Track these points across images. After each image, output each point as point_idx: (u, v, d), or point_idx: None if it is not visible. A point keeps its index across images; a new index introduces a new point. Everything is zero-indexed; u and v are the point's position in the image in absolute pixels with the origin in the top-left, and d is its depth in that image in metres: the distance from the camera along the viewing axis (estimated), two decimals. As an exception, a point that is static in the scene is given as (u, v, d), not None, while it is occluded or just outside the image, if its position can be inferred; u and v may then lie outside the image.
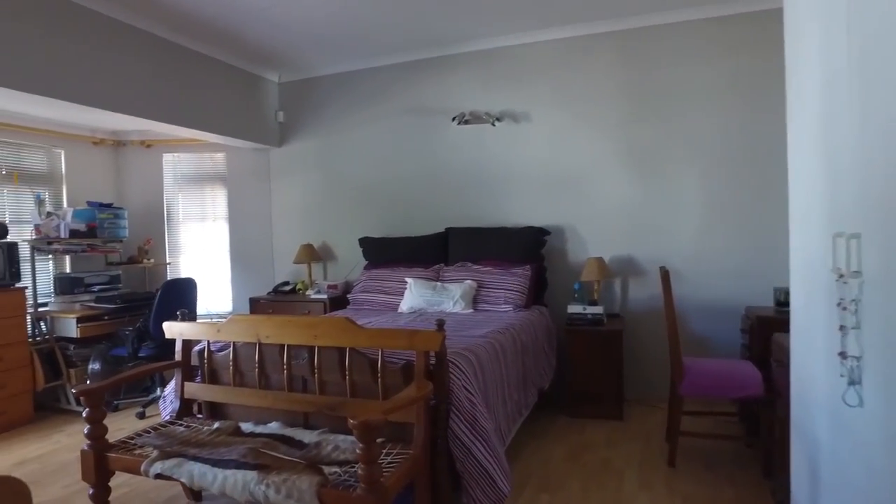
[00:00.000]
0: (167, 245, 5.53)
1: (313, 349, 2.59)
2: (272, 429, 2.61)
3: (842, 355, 1.47)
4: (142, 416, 4.10)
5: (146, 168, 5.50)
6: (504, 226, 4.55)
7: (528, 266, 4.22)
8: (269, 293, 5.11)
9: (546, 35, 4.38)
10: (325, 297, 4.76)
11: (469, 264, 4.40)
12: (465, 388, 2.49)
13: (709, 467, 3.05)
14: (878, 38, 1.31)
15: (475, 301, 4.08)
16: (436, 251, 4.61)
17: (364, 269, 4.76)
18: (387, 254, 4.73)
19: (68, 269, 4.94)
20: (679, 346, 3.01)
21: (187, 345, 2.90)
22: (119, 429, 3.93)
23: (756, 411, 3.05)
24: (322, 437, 2.47)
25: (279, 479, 2.06)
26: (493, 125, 4.55)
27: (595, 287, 4.16)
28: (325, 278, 5.25)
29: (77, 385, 2.37)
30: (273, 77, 5.28)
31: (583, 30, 4.28)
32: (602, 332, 3.85)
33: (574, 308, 3.99)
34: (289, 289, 5.09)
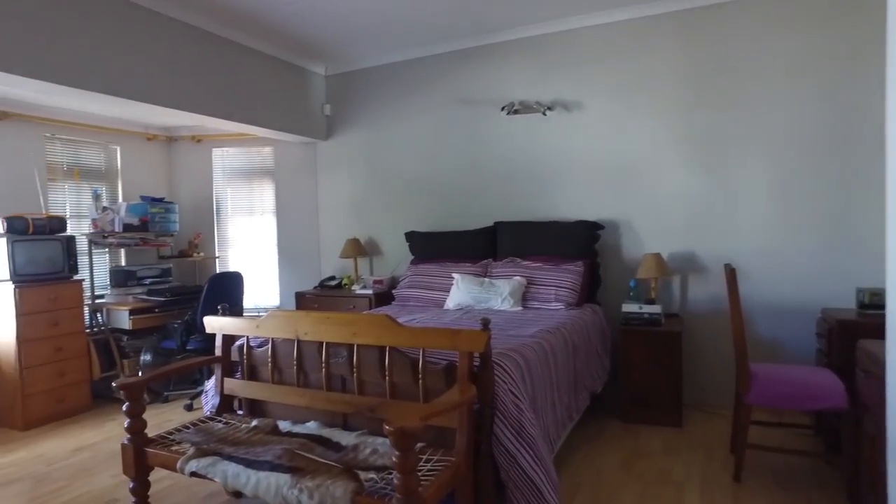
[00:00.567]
0: (216, 239, 5.60)
1: (352, 347, 2.50)
2: (310, 429, 2.53)
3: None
4: (189, 409, 4.14)
5: (196, 163, 5.58)
6: (555, 220, 4.34)
7: (580, 262, 4.01)
8: (315, 288, 5.08)
9: (601, 18, 4.14)
10: (371, 292, 4.68)
11: (518, 260, 4.22)
12: (512, 392, 2.33)
13: (781, 485, 2.78)
14: None
15: (524, 298, 3.90)
16: (484, 246, 4.45)
17: (410, 264, 4.66)
18: (433, 249, 4.61)
19: (123, 263, 5.07)
20: (746, 350, 2.75)
21: (227, 340, 2.86)
22: (167, 420, 3.99)
23: (837, 425, 2.75)
24: (360, 439, 2.37)
25: (313, 483, 1.97)
26: (544, 115, 4.35)
27: (652, 285, 3.91)
28: (371, 273, 5.18)
29: (117, 379, 2.35)
30: (320, 70, 5.24)
31: (641, 11, 4.02)
32: (660, 333, 3.61)
33: (630, 307, 3.75)
34: (335, 284, 5.05)
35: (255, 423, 2.61)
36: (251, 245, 5.59)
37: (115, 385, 2.36)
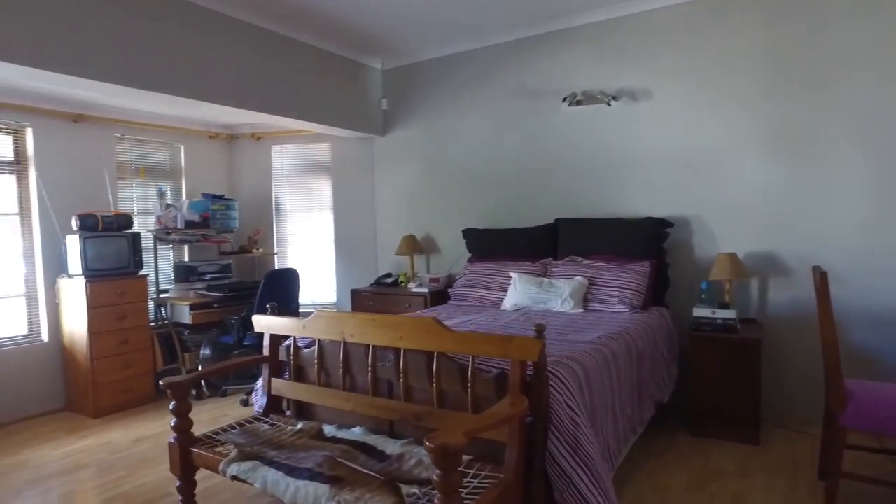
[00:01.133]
0: (275, 235, 5.66)
1: (399, 351, 2.38)
2: (355, 434, 2.44)
3: None
4: (245, 404, 4.18)
5: (256, 160, 5.66)
6: (620, 217, 4.08)
7: (646, 262, 3.74)
8: (371, 285, 5.03)
9: (671, -1, 3.84)
10: (427, 290, 4.58)
11: (580, 259, 3.99)
12: (568, 405, 2.15)
13: (879, 519, 2.45)
14: None
15: (586, 300, 3.68)
16: (544, 244, 4.25)
17: (467, 262, 4.52)
18: (491, 246, 4.45)
19: (186, 258, 5.21)
20: (839, 363, 2.43)
21: (275, 339, 2.82)
22: (224, 414, 4.04)
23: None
24: (406, 448, 2.25)
25: (352, 496, 1.86)
26: (609, 105, 4.09)
27: (726, 287, 3.58)
28: (427, 271, 5.08)
29: (163, 378, 2.34)
30: (376, 64, 5.17)
31: (717, -11, 3.69)
32: (735, 340, 3.30)
33: (701, 311, 3.46)
34: (391, 281, 4.98)
35: (300, 425, 2.55)
36: (309, 241, 5.61)
37: (161, 384, 2.35)
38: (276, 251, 5.63)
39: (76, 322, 4.13)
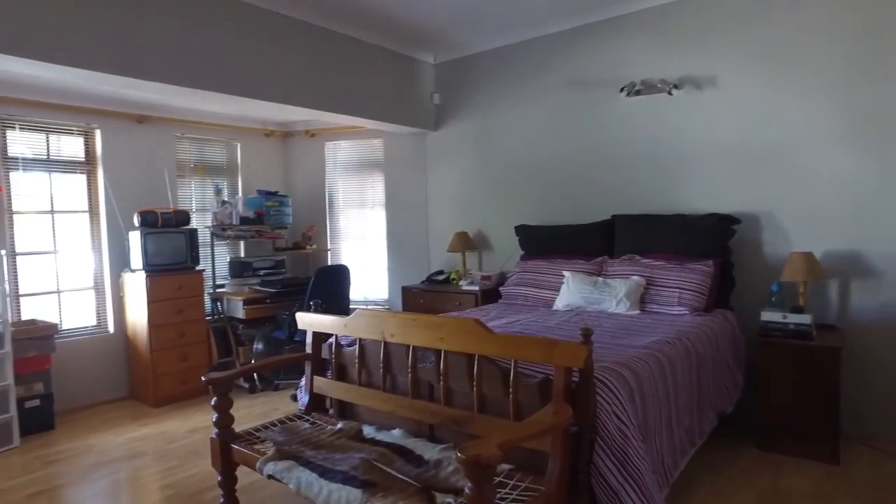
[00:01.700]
0: (328, 231, 5.70)
1: (440, 352, 2.30)
2: (394, 437, 2.37)
3: None
4: (295, 399, 4.22)
5: (310, 157, 5.72)
6: (681, 212, 3.83)
7: (709, 261, 3.49)
8: (423, 282, 4.98)
9: (741, -23, 3.55)
10: (477, 288, 4.48)
11: (637, 257, 3.78)
12: (617, 416, 2.00)
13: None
14: None
15: (642, 301, 3.48)
16: (599, 242, 4.06)
17: (520, 259, 4.39)
18: (545, 244, 4.30)
19: (242, 254, 5.33)
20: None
21: (318, 337, 2.79)
22: (274, 409, 4.10)
23: None
24: (444, 454, 2.17)
25: (383, 503, 1.79)
26: (670, 94, 3.84)
27: (800, 289, 3.29)
28: (479, 268, 4.98)
29: (206, 373, 2.35)
30: (428, 58, 5.10)
31: (793, -36, 3.38)
32: (810, 348, 3.02)
33: (771, 315, 3.19)
34: (442, 278, 4.90)
35: (340, 425, 2.51)
36: (362, 238, 5.63)
37: (203, 379, 2.37)
38: (329, 247, 5.68)
39: (138, 314, 4.29)
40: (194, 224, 4.68)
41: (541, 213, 4.57)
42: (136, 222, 4.26)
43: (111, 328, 4.49)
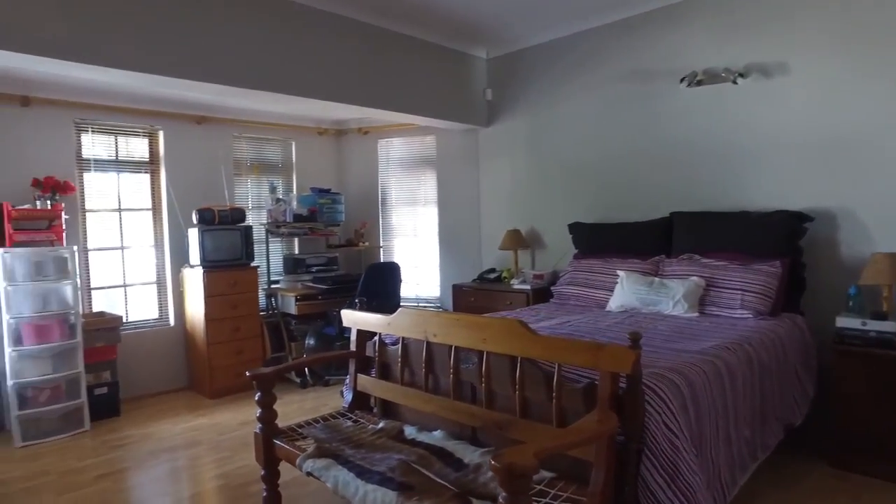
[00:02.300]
0: (381, 229, 5.73)
1: (482, 354, 2.23)
2: (434, 438, 2.33)
3: None
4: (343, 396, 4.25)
5: (363, 154, 5.76)
6: (746, 209, 3.59)
7: (777, 261, 3.25)
8: (474, 280, 4.92)
9: (816, -46, 3.29)
10: (529, 287, 4.37)
11: (697, 257, 3.58)
12: (666, 426, 1.88)
13: None
14: None
15: (702, 303, 3.28)
16: (657, 240, 3.87)
17: (573, 258, 4.25)
18: (599, 242, 4.15)
19: (297, 251, 5.43)
20: None
21: (363, 335, 2.79)
22: (323, 404, 4.14)
23: None
24: (485, 458, 2.10)
25: (418, 508, 1.75)
26: (735, 83, 3.61)
27: (884, 294, 3.00)
28: (532, 267, 4.87)
29: (252, 369, 2.38)
30: (481, 53, 5.02)
31: (876, -62, 3.09)
32: (894, 358, 2.75)
33: (848, 321, 2.94)
34: (494, 277, 4.83)
35: (381, 424, 2.49)
36: (414, 235, 5.62)
37: (248, 374, 2.40)
38: (381, 244, 5.71)
39: (196, 309, 4.45)
40: (250, 221, 4.81)
41: (595, 210, 4.41)
42: (195, 219, 4.41)
43: (172, 321, 4.68)
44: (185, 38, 3.22)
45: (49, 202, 3.86)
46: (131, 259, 4.55)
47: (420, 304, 5.35)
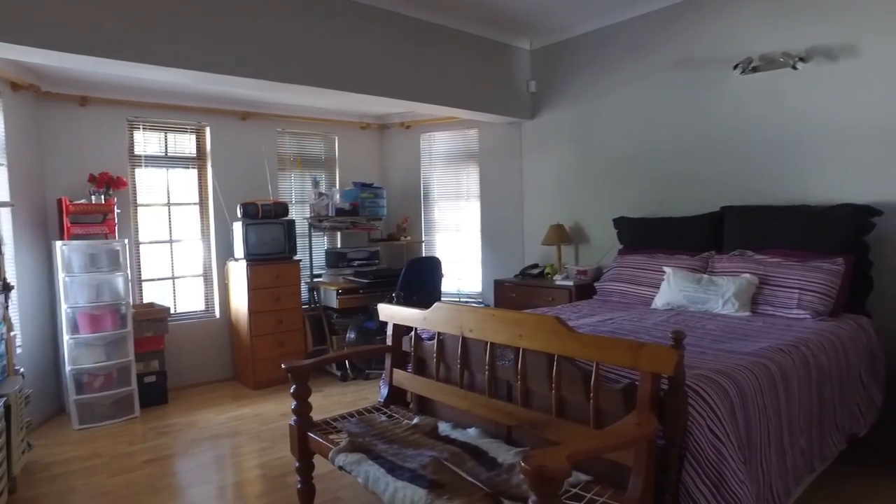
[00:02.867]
0: (423, 223, 5.70)
1: (519, 351, 2.16)
2: (469, 436, 2.28)
3: None
4: (383, 389, 4.26)
5: (405, 149, 5.75)
6: (805, 203, 3.38)
7: (839, 258, 3.04)
8: (516, 276, 4.83)
9: (887, -72, 3.05)
10: (572, 284, 4.26)
11: (750, 253, 3.40)
12: (711, 431, 1.77)
13: None
14: None
15: (754, 301, 3.11)
16: (706, 235, 3.70)
17: (618, 254, 4.12)
18: (645, 237, 4.00)
19: (339, 245, 5.47)
20: None
21: (399, 329, 2.76)
22: (363, 398, 4.15)
23: None
24: (519, 458, 2.03)
25: (448, 507, 1.70)
26: (795, 68, 3.39)
27: (959, 294, 2.77)
28: (575, 262, 4.74)
29: (285, 361, 2.40)
30: (524, 45, 4.92)
31: None
32: (969, 365, 2.53)
33: (918, 323, 2.72)
34: (536, 272, 4.73)
35: (416, 420, 2.46)
36: (456, 230, 5.58)
37: (284, 367, 2.41)
38: (423, 239, 5.69)
39: (240, 301, 4.54)
40: (293, 215, 4.88)
41: (642, 204, 4.25)
42: (239, 214, 4.49)
43: (217, 313, 4.80)
44: (233, 35, 3.27)
45: (103, 197, 4.02)
46: (179, 252, 4.70)
47: (461, 300, 5.30)
